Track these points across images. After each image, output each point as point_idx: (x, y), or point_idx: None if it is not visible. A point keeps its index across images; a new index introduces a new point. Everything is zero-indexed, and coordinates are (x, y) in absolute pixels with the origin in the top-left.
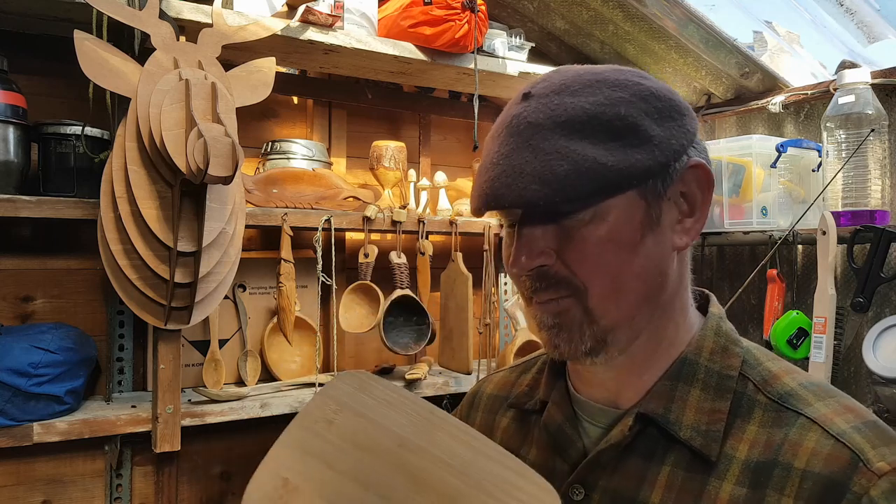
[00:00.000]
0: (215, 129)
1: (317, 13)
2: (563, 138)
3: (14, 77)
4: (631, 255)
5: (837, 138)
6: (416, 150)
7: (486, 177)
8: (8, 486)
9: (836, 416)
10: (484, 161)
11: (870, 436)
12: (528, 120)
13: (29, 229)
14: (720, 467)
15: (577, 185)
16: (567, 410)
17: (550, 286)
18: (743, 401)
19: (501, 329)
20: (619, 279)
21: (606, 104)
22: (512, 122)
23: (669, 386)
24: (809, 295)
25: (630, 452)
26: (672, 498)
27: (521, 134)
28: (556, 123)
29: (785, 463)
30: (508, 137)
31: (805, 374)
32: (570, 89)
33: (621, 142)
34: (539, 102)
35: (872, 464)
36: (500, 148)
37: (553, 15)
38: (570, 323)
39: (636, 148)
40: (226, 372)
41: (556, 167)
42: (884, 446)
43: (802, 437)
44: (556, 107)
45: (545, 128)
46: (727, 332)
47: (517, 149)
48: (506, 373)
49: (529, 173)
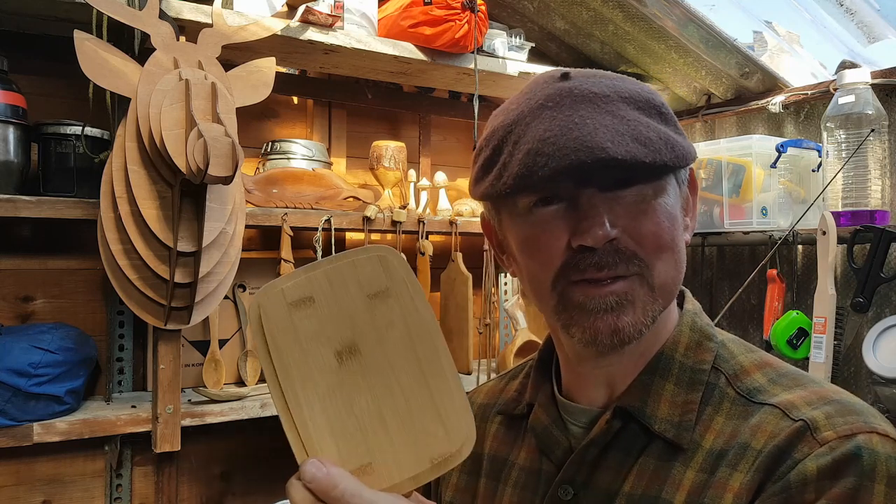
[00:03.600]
0: (215, 129)
1: (317, 13)
2: (636, 111)
3: (14, 77)
4: (681, 237)
5: (837, 138)
6: (416, 150)
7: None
8: (8, 486)
9: (800, 400)
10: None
11: (829, 410)
12: (591, 91)
13: (29, 229)
14: (687, 454)
15: (664, 151)
16: (552, 412)
17: (620, 262)
18: (715, 392)
19: (501, 329)
20: (678, 258)
21: (649, 93)
22: (573, 93)
23: (646, 380)
24: (809, 295)
25: (612, 448)
26: (642, 485)
27: (591, 101)
28: (622, 97)
29: (743, 443)
30: (577, 104)
31: (778, 367)
32: (607, 77)
33: (674, 127)
34: (588, 81)
35: (820, 433)
36: (573, 112)
37: (553, 15)
38: (636, 302)
39: (680, 135)
40: (226, 372)
41: (645, 132)
42: (839, 417)
43: (763, 421)
44: (611, 85)
45: (613, 99)
46: (702, 327)
47: (598, 113)
48: (494, 382)
49: (624, 133)
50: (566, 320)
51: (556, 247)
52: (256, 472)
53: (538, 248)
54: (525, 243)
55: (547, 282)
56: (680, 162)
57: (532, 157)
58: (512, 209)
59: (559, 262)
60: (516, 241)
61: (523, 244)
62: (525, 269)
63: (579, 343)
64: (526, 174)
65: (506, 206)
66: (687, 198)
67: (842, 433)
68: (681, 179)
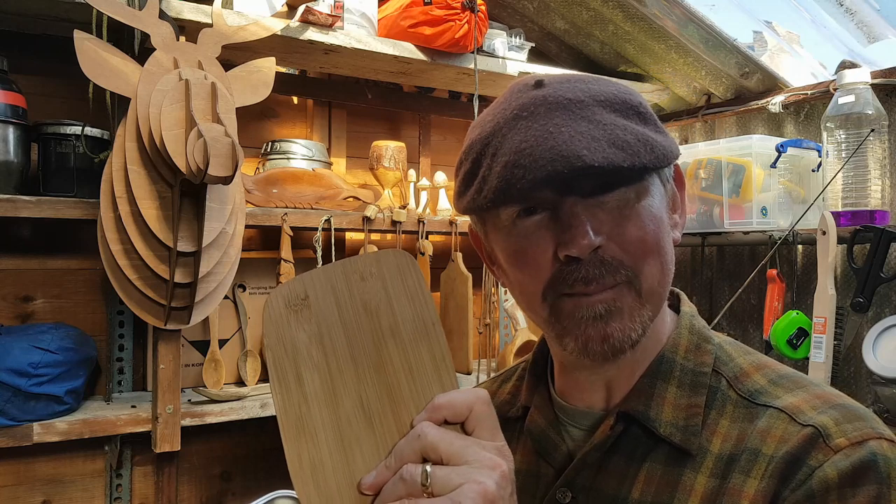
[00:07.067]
0: (215, 129)
1: (317, 13)
2: (613, 114)
3: (14, 77)
4: (667, 239)
5: (837, 138)
6: (416, 150)
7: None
8: (8, 486)
9: (804, 403)
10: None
11: (836, 416)
12: (566, 97)
13: (29, 229)
14: (696, 459)
15: (643, 153)
16: (549, 415)
17: (607, 272)
18: (717, 395)
19: (501, 329)
20: (665, 262)
21: (626, 93)
22: (547, 100)
23: (648, 384)
24: (809, 295)
25: (614, 452)
26: (651, 492)
27: (567, 108)
28: (598, 101)
29: (753, 448)
30: (552, 112)
31: (777, 368)
32: (582, 81)
33: (653, 126)
34: (562, 87)
35: (832, 439)
36: (547, 121)
37: (553, 15)
38: (624, 310)
39: (661, 133)
40: (226, 372)
41: (622, 136)
42: (847, 423)
43: (771, 426)
44: (585, 90)
45: (588, 104)
46: (700, 329)
47: (573, 120)
48: (487, 384)
49: (600, 139)
50: (559, 331)
51: (544, 258)
52: (256, 472)
53: (525, 260)
54: (513, 256)
55: (537, 294)
56: (660, 162)
57: (510, 170)
58: (496, 221)
59: (548, 275)
60: (503, 254)
61: (511, 257)
62: (515, 280)
63: (572, 354)
64: (505, 187)
65: (490, 218)
66: (674, 194)
67: (853, 440)
68: (665, 178)
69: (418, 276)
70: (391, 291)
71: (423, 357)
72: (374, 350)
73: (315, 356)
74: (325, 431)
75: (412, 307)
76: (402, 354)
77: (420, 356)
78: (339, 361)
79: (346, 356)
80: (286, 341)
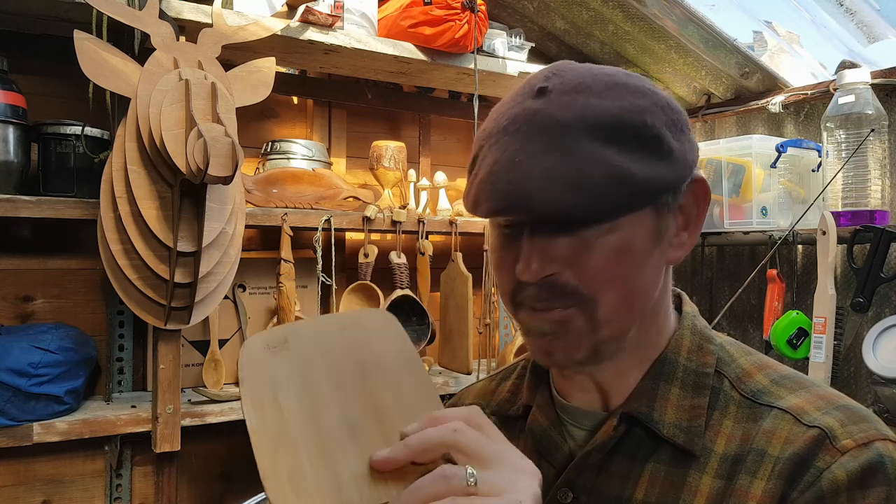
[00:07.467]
0: (215, 129)
1: (317, 13)
2: (594, 142)
3: (14, 77)
4: (641, 269)
5: (837, 138)
6: (416, 150)
7: (507, 176)
8: (8, 486)
9: (808, 404)
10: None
11: (840, 417)
12: (554, 117)
13: (29, 229)
14: (700, 460)
15: (610, 195)
16: (551, 414)
17: (557, 296)
18: (720, 396)
19: (501, 329)
20: (630, 292)
21: (634, 111)
22: (535, 118)
23: (651, 385)
24: (809, 295)
25: (616, 453)
26: (655, 493)
27: (548, 132)
28: (586, 125)
29: (759, 449)
30: (532, 134)
31: (778, 369)
32: (591, 90)
33: (647, 152)
34: (560, 100)
35: (838, 441)
36: (522, 145)
37: (553, 15)
38: (570, 332)
39: (660, 161)
40: (226, 372)
41: (590, 174)
42: (853, 425)
43: (776, 427)
44: (583, 107)
45: (573, 129)
46: (701, 329)
47: (545, 149)
48: (485, 382)
49: (562, 178)
50: (523, 334)
51: (509, 269)
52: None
53: (499, 266)
54: (493, 256)
55: (507, 296)
56: (636, 200)
57: (480, 189)
58: None
59: (511, 287)
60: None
61: (492, 255)
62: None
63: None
64: (476, 203)
65: None
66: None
67: (859, 441)
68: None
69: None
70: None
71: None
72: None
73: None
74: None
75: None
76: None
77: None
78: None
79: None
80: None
